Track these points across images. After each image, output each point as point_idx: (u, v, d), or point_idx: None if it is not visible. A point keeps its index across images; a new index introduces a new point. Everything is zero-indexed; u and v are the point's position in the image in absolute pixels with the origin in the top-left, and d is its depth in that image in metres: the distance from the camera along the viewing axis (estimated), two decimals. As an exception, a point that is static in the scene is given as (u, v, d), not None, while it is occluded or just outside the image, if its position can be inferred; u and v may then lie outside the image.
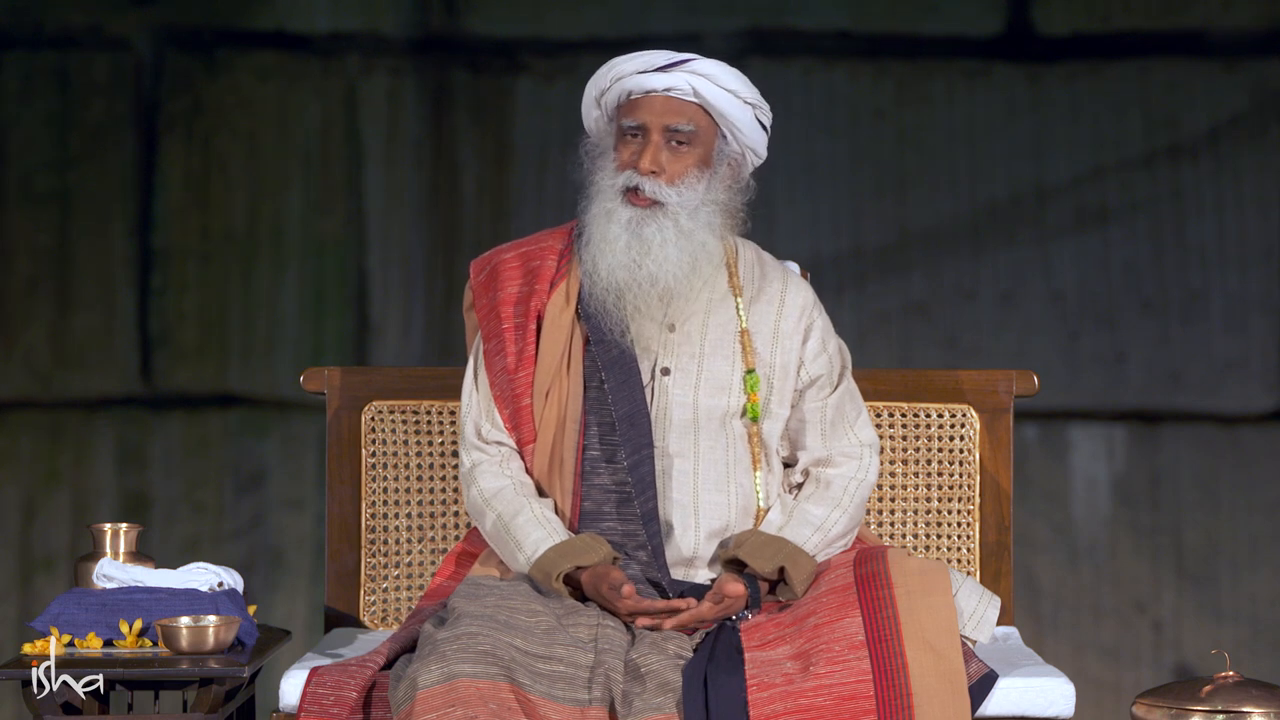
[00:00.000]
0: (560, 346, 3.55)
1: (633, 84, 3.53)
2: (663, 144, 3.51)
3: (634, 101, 3.54)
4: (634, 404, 3.50)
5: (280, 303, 5.40)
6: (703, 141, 3.53)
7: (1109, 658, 5.36)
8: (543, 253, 3.62)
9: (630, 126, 3.53)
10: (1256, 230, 5.38)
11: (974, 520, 4.04)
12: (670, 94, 3.52)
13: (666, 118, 3.51)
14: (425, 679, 3.13)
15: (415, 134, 5.42)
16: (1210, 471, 5.38)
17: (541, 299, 3.58)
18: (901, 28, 5.41)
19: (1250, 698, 3.47)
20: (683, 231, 3.49)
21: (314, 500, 5.35)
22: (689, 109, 3.52)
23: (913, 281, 5.41)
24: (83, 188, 5.40)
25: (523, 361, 3.56)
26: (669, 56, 3.53)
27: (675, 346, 3.55)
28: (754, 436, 3.55)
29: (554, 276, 3.59)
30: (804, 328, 3.62)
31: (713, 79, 3.52)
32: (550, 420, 3.53)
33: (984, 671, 3.34)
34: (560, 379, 3.54)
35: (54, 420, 5.40)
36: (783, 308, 3.62)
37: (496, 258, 3.65)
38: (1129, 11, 5.42)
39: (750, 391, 3.55)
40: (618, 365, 3.51)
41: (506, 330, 3.58)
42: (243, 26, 5.42)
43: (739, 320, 3.58)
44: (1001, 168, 5.41)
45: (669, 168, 3.50)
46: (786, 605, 3.41)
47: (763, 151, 3.64)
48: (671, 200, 3.49)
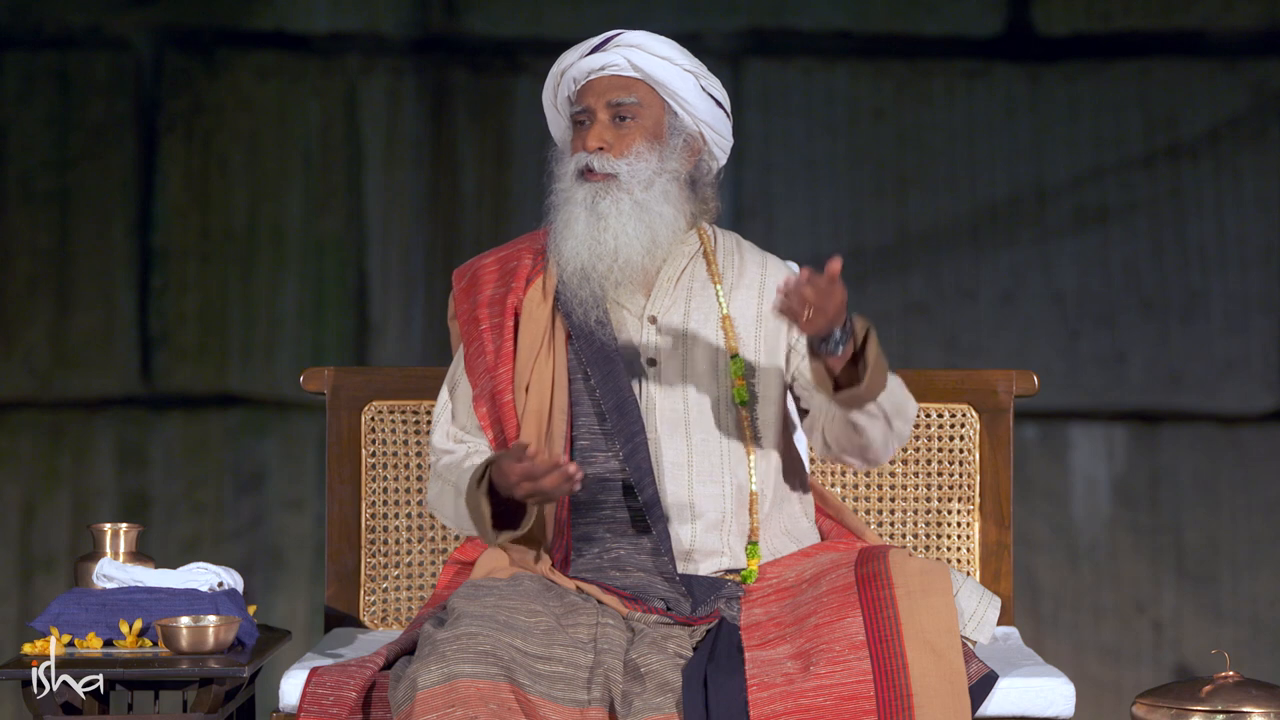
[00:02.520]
0: (538, 339, 3.55)
1: (575, 71, 3.59)
2: (608, 121, 3.54)
3: (580, 89, 3.59)
4: (620, 394, 3.50)
5: (280, 303, 5.40)
6: (649, 114, 3.56)
7: (1109, 658, 5.36)
8: (519, 254, 3.65)
9: (578, 112, 3.58)
10: (1256, 230, 5.39)
11: (974, 520, 4.04)
12: (607, 71, 3.57)
13: (607, 94, 3.55)
14: (425, 679, 3.13)
15: (415, 134, 5.42)
16: (1210, 471, 5.38)
17: (518, 295, 3.59)
18: (901, 28, 5.41)
19: (1250, 698, 3.48)
20: (638, 203, 3.50)
21: (314, 500, 5.35)
22: (629, 83, 3.56)
23: (913, 281, 5.41)
24: (83, 188, 5.40)
25: (501, 358, 3.57)
26: (602, 36, 3.60)
27: (658, 339, 3.56)
28: (744, 422, 3.55)
29: (530, 273, 3.61)
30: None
31: (645, 48, 3.57)
32: (532, 412, 3.53)
33: (984, 672, 3.34)
34: (541, 371, 3.54)
35: (54, 420, 5.40)
36: (763, 291, 3.61)
37: (477, 264, 3.68)
38: (1129, 11, 5.42)
39: (736, 376, 3.55)
40: (600, 357, 3.52)
41: (485, 330, 3.59)
42: (243, 26, 5.42)
43: (720, 307, 3.58)
44: (1001, 168, 5.41)
45: (616, 143, 3.53)
46: (788, 603, 3.41)
47: (723, 130, 3.63)
48: (622, 171, 3.51)
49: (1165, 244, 5.39)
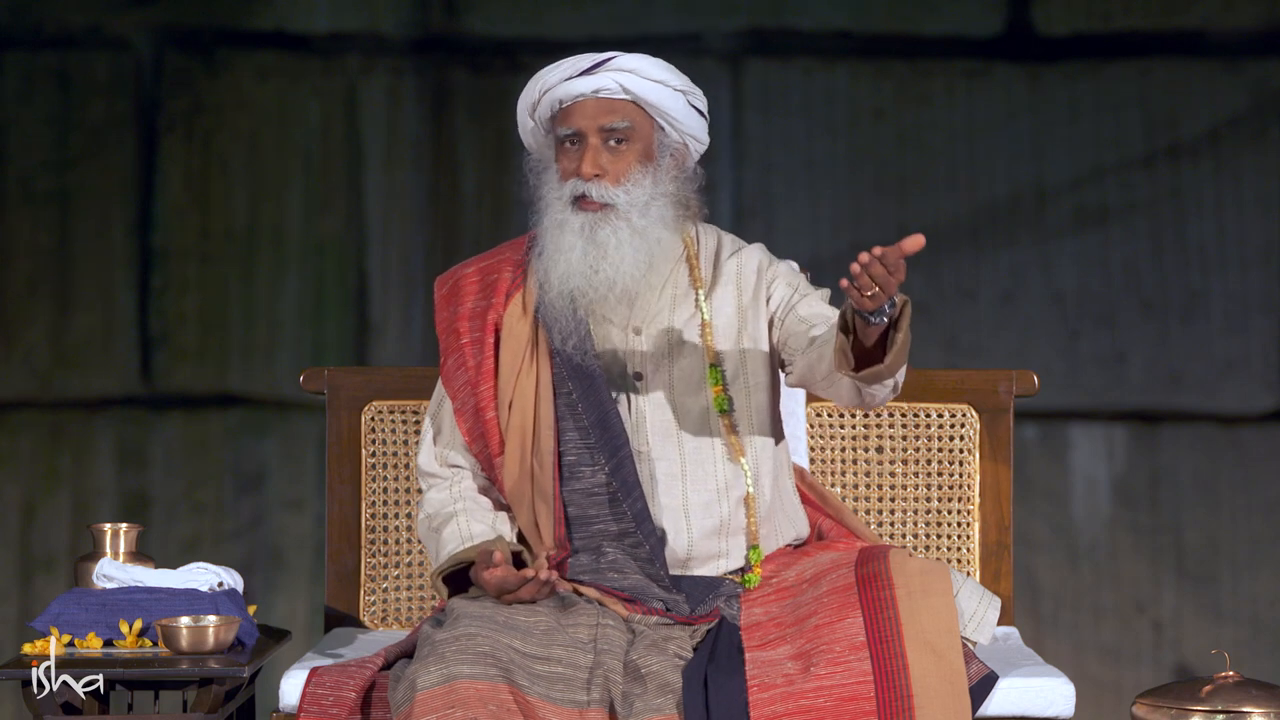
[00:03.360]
0: (518, 356, 3.55)
1: (561, 92, 3.53)
2: (600, 146, 3.50)
3: (566, 109, 3.53)
4: (602, 408, 3.49)
5: (280, 303, 5.40)
6: (640, 137, 3.53)
7: (1109, 658, 5.36)
8: (499, 265, 3.63)
9: (566, 134, 3.53)
10: (1256, 230, 5.38)
11: (974, 520, 4.04)
12: (599, 95, 3.51)
13: (600, 119, 3.51)
14: (424, 680, 3.13)
15: (415, 134, 5.42)
16: (1210, 471, 5.38)
17: (498, 311, 3.58)
18: (901, 28, 5.41)
19: (1250, 698, 3.48)
20: (636, 230, 3.48)
21: (314, 500, 5.34)
22: (621, 106, 3.52)
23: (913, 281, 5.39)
24: (83, 188, 5.40)
25: (482, 375, 3.57)
26: (593, 58, 3.52)
27: (643, 350, 3.55)
28: (731, 426, 3.54)
29: (509, 288, 3.60)
30: (765, 287, 3.59)
31: (639, 73, 3.52)
32: (517, 428, 3.53)
33: (984, 672, 3.34)
34: (523, 387, 3.53)
35: (54, 420, 5.39)
36: (740, 282, 3.60)
37: (459, 273, 3.66)
38: (1129, 11, 5.41)
39: (714, 385, 3.54)
40: (581, 373, 3.51)
41: (466, 345, 3.59)
42: (243, 26, 5.42)
43: (700, 314, 3.57)
44: (1001, 168, 5.40)
45: (611, 168, 3.50)
46: (788, 603, 3.41)
47: (704, 137, 3.62)
48: (620, 200, 3.48)
49: (1165, 244, 5.39)
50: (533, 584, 3.35)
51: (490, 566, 3.36)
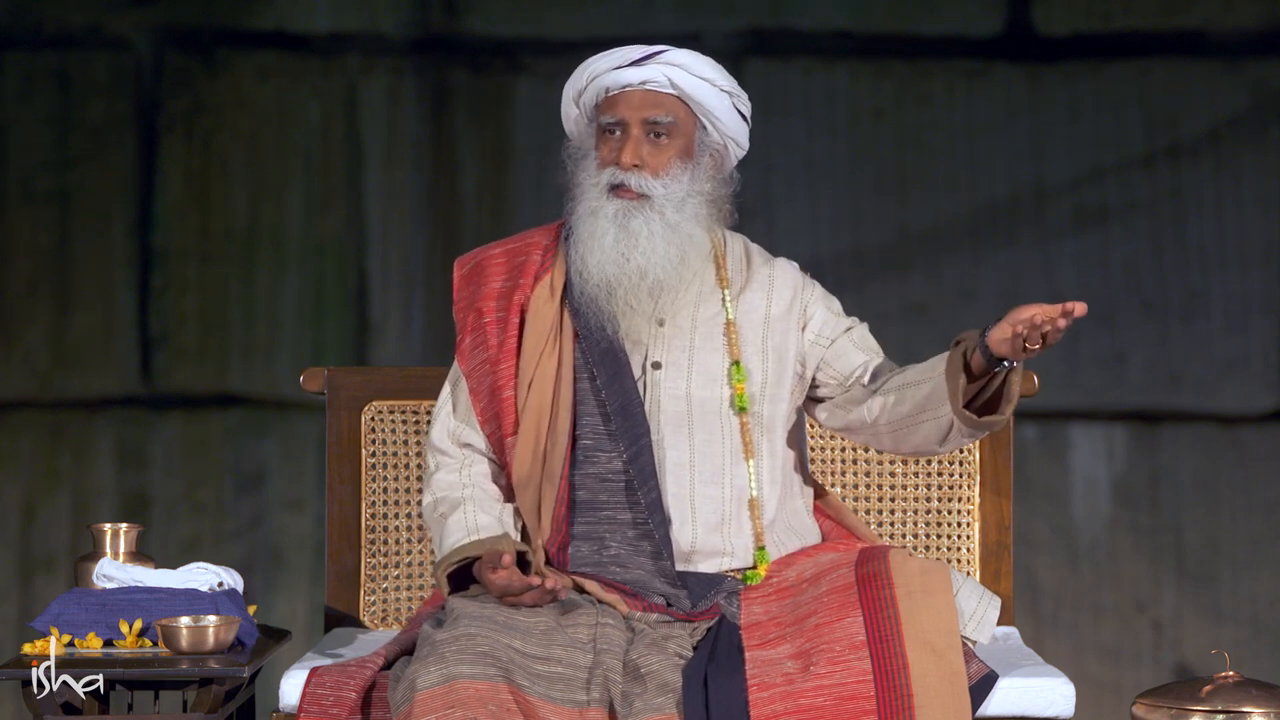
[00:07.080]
0: (543, 336, 3.55)
1: (609, 80, 3.53)
2: (643, 137, 3.51)
3: (611, 98, 3.54)
4: (626, 395, 3.50)
5: (280, 303, 5.40)
6: (683, 133, 3.53)
7: (1109, 658, 5.36)
8: (528, 249, 3.63)
9: (609, 123, 3.53)
10: (1256, 230, 5.38)
11: (974, 520, 4.04)
12: (646, 87, 3.52)
13: (644, 111, 3.51)
14: (424, 680, 3.13)
15: (415, 134, 5.42)
16: (1210, 471, 5.38)
17: (525, 292, 3.59)
18: (901, 28, 5.41)
19: (1250, 698, 3.48)
20: (669, 224, 3.49)
21: (314, 500, 5.35)
22: (666, 100, 3.52)
23: (913, 281, 5.41)
24: (83, 188, 5.40)
25: (504, 353, 3.56)
26: (643, 50, 3.53)
27: (665, 340, 3.55)
28: (745, 427, 3.55)
29: (538, 270, 3.60)
30: (800, 309, 3.62)
31: (688, 68, 3.52)
32: (534, 408, 3.53)
33: (984, 672, 3.34)
34: (545, 368, 3.54)
35: (54, 420, 5.40)
36: (771, 294, 3.61)
37: (483, 254, 3.66)
38: (1129, 11, 5.42)
39: (736, 383, 3.55)
40: (608, 358, 3.52)
41: (489, 324, 3.59)
42: (243, 26, 5.42)
43: (725, 312, 3.58)
44: (1001, 168, 5.41)
45: (650, 161, 3.50)
46: (788, 602, 3.41)
47: (745, 142, 3.64)
48: (657, 193, 3.49)
49: (1165, 244, 5.39)
50: (537, 591, 3.35)
51: (497, 568, 3.36)
